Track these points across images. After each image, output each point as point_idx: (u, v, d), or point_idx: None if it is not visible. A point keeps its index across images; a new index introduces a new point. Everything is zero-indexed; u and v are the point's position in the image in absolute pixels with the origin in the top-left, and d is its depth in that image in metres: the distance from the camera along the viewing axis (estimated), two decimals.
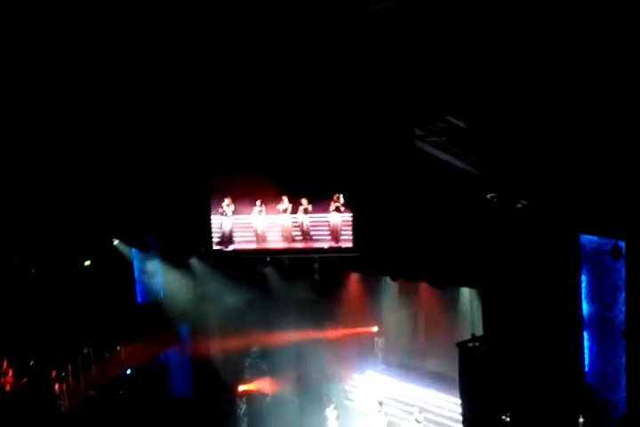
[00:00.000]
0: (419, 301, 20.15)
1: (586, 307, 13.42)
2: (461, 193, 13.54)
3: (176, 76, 11.79)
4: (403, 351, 20.86)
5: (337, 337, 20.42)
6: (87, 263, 20.12)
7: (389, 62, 10.17)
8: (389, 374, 20.34)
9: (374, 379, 20.41)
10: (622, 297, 12.83)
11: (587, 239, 13.19)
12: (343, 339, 20.54)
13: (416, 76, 10.24)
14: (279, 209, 16.87)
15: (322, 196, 16.56)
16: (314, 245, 16.81)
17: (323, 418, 19.38)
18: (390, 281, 18.97)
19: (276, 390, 20.67)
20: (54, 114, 13.26)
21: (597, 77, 9.48)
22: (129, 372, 20.57)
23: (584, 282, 13.37)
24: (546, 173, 11.99)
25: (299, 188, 16.68)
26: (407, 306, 20.46)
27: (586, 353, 13.52)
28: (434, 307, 19.54)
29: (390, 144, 12.70)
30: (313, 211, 16.67)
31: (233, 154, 15.74)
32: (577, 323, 13.47)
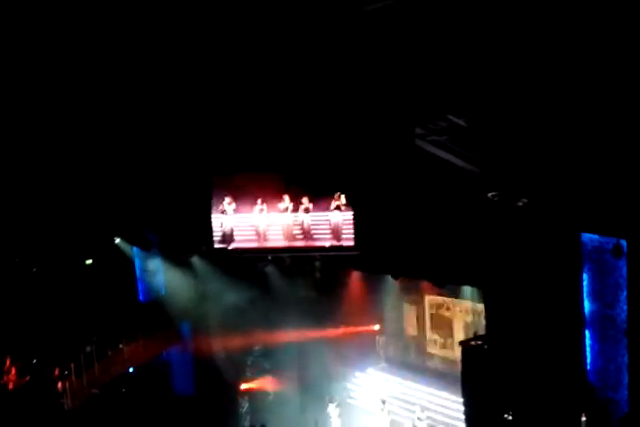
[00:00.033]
0: (420, 299, 20.17)
1: (587, 305, 13.38)
2: (462, 192, 13.50)
3: (177, 75, 11.78)
4: (405, 350, 20.84)
5: (338, 336, 20.38)
6: (89, 262, 20.16)
7: (389, 61, 10.14)
8: (391, 372, 20.31)
9: (376, 377, 20.38)
10: (624, 296, 12.80)
11: (588, 238, 13.15)
12: (345, 337, 20.49)
13: (416, 74, 10.21)
14: (280, 208, 16.88)
15: (323, 194, 16.56)
16: (315, 243, 16.82)
17: (324, 416, 19.34)
18: (392, 279, 18.94)
19: (278, 388, 20.69)
20: (55, 113, 13.27)
21: (597, 75, 9.44)
22: (131, 370, 20.63)
23: (586, 280, 13.33)
24: (547, 172, 11.95)
25: (300, 186, 16.68)
26: (408, 304, 20.45)
27: (588, 352, 13.49)
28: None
29: (391, 143, 12.66)
30: (314, 209, 16.68)
31: (234, 153, 15.72)
32: (579, 321, 13.44)
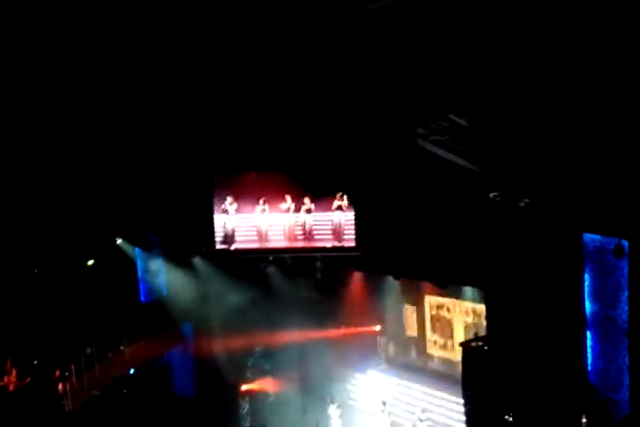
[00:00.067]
0: (421, 300, 20.17)
1: (589, 306, 13.36)
2: (464, 192, 13.50)
3: (178, 74, 11.78)
4: (405, 351, 20.82)
5: (340, 336, 20.39)
6: (90, 263, 20.16)
7: (390, 61, 10.15)
8: (392, 373, 20.30)
9: (377, 378, 20.37)
10: (625, 296, 12.78)
11: (590, 238, 13.14)
12: (346, 338, 20.50)
13: (417, 74, 10.21)
14: (282, 208, 16.88)
15: (324, 194, 16.57)
16: (316, 244, 16.82)
17: (325, 418, 19.34)
18: (393, 280, 18.94)
19: (279, 389, 20.66)
20: (56, 113, 13.27)
21: (600, 75, 9.44)
22: (132, 371, 20.60)
23: (587, 281, 13.31)
24: (548, 172, 11.95)
25: (301, 186, 16.69)
26: (409, 305, 20.44)
27: (589, 352, 13.47)
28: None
29: (392, 143, 12.67)
30: (316, 210, 16.68)
31: (235, 153, 15.74)
32: (580, 322, 13.43)
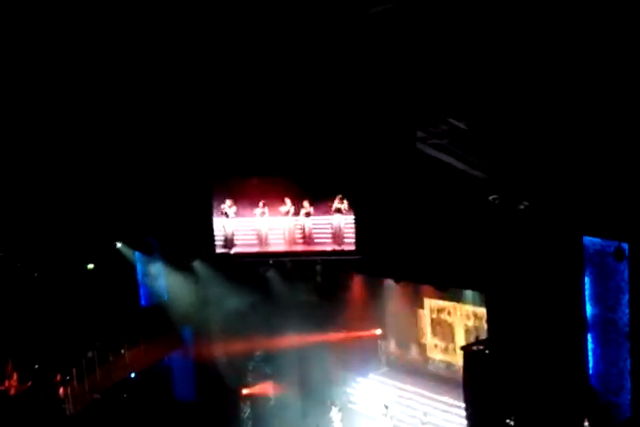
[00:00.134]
0: (422, 303, 20.15)
1: (589, 309, 13.36)
2: (463, 195, 13.49)
3: (178, 79, 11.79)
4: (406, 354, 20.80)
5: (340, 340, 20.35)
6: (90, 266, 20.15)
7: (390, 64, 10.15)
8: (393, 377, 20.27)
9: (378, 382, 20.34)
10: (625, 299, 12.78)
11: (590, 241, 13.14)
12: (346, 342, 20.47)
13: (417, 78, 10.21)
14: (282, 211, 16.85)
15: (323, 197, 16.54)
16: (316, 247, 16.79)
17: (326, 421, 19.28)
18: (393, 284, 18.91)
19: (280, 393, 20.60)
20: (56, 118, 13.28)
21: (599, 78, 9.44)
22: (133, 375, 20.57)
23: (587, 284, 13.31)
24: (548, 175, 11.94)
25: (301, 190, 16.67)
26: (410, 309, 20.42)
27: (590, 356, 13.45)
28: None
29: (392, 146, 12.66)
30: (315, 213, 16.65)
31: (235, 156, 15.74)
32: (581, 325, 13.41)
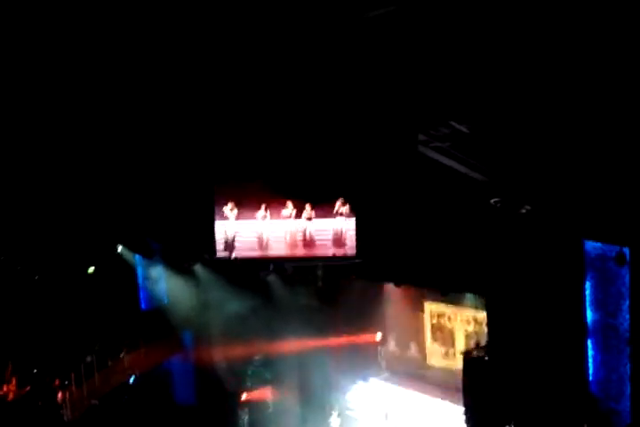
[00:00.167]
0: (422, 308, 20.11)
1: (590, 314, 13.32)
2: (465, 198, 13.49)
3: (181, 83, 11.83)
4: (406, 360, 20.75)
5: (340, 345, 20.31)
6: (91, 270, 20.14)
7: (391, 68, 10.17)
8: (393, 382, 20.21)
9: (378, 387, 20.28)
10: (626, 305, 12.74)
11: (591, 246, 13.11)
12: (346, 347, 20.43)
13: (418, 80, 10.23)
14: (284, 214, 16.83)
15: (325, 201, 16.54)
16: (317, 251, 16.77)
17: None
18: (394, 288, 18.88)
19: (279, 398, 20.54)
20: (57, 121, 13.31)
21: (600, 82, 9.44)
22: (132, 379, 20.52)
23: (588, 289, 13.27)
24: (550, 179, 11.94)
25: (303, 193, 16.66)
26: (410, 314, 20.38)
27: (590, 362, 13.40)
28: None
29: (393, 149, 12.68)
30: (317, 217, 16.63)
31: (236, 160, 15.77)
32: (581, 331, 13.37)
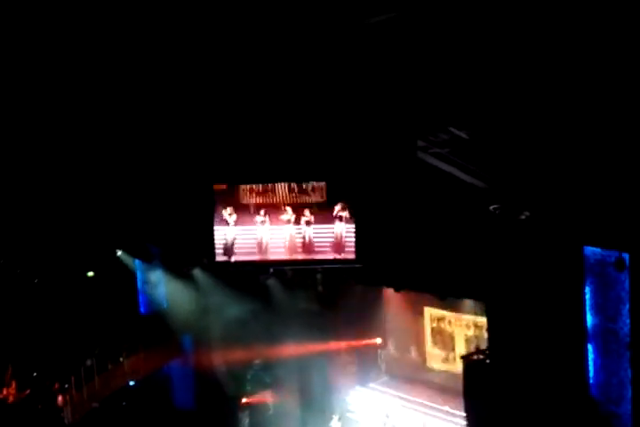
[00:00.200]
0: (422, 313, 20.13)
1: (590, 319, 13.31)
2: (464, 204, 13.51)
3: (180, 86, 11.83)
4: (406, 364, 20.76)
5: (340, 349, 20.32)
6: (90, 274, 20.16)
7: (391, 74, 10.18)
8: (393, 386, 20.22)
9: (378, 391, 20.29)
10: (626, 309, 12.73)
11: (590, 251, 13.10)
12: (346, 351, 20.44)
13: (418, 86, 10.24)
14: (283, 219, 16.84)
15: (324, 206, 16.55)
16: (316, 256, 16.77)
17: None
18: (394, 293, 18.89)
19: (279, 402, 20.57)
20: (57, 126, 13.32)
21: (601, 89, 9.46)
22: (132, 383, 20.53)
23: (588, 294, 13.26)
24: (549, 185, 11.95)
25: (302, 198, 16.68)
26: (410, 318, 20.39)
27: (590, 366, 13.41)
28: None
29: (392, 155, 12.69)
30: (316, 221, 16.64)
31: (236, 164, 15.78)
32: (581, 335, 13.38)
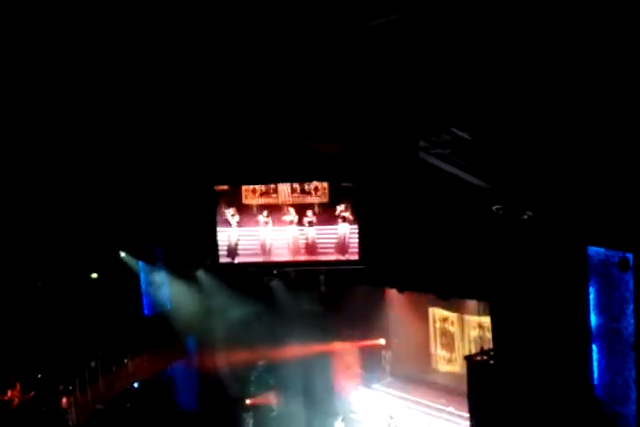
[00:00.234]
0: (426, 313, 20.11)
1: (594, 319, 13.29)
2: (467, 205, 13.50)
3: (182, 89, 11.84)
4: (410, 365, 20.74)
5: (344, 350, 20.31)
6: (94, 276, 20.20)
7: (392, 75, 10.18)
8: (397, 387, 20.20)
9: (382, 392, 20.27)
10: (630, 309, 12.71)
11: (594, 251, 13.08)
12: (350, 352, 20.42)
13: (419, 88, 10.24)
14: (286, 220, 16.84)
15: (327, 206, 16.55)
16: (320, 257, 16.77)
17: None
18: (397, 293, 18.87)
19: (283, 403, 20.56)
20: (61, 128, 13.34)
21: (602, 90, 9.45)
22: (136, 385, 20.55)
23: (592, 294, 13.24)
24: (552, 185, 11.94)
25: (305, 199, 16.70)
26: (414, 318, 20.38)
27: (595, 366, 13.39)
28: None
29: (395, 156, 12.68)
30: (319, 222, 16.64)
31: (239, 165, 15.79)
32: (585, 335, 13.36)
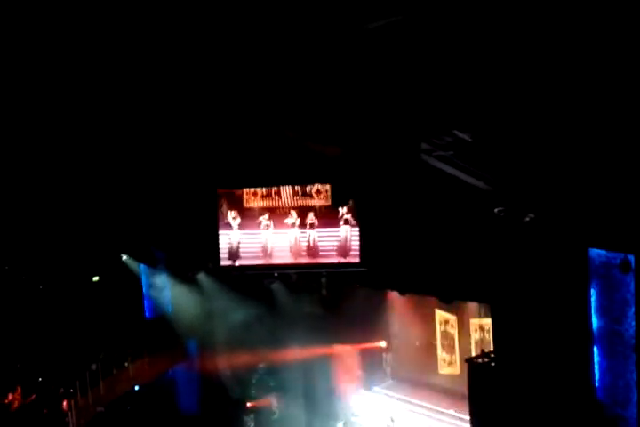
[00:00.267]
0: (427, 316, 20.10)
1: (595, 321, 13.28)
2: (468, 207, 13.50)
3: (182, 91, 11.85)
4: (411, 367, 20.73)
5: (345, 353, 20.31)
6: (95, 279, 20.20)
7: (393, 77, 10.19)
8: (398, 389, 20.20)
9: (382, 395, 20.26)
10: (632, 311, 12.70)
11: (596, 253, 13.09)
12: (351, 354, 20.43)
13: (420, 90, 10.25)
14: (287, 223, 16.85)
15: (329, 209, 16.56)
16: (321, 259, 16.77)
17: None
18: (398, 296, 18.88)
19: (284, 406, 20.55)
20: (61, 130, 13.34)
21: (604, 92, 9.46)
22: (137, 388, 20.53)
23: (593, 296, 13.24)
24: (554, 187, 11.95)
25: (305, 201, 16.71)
26: (415, 321, 20.37)
27: (596, 368, 13.39)
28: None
29: (396, 158, 12.68)
30: (321, 225, 16.65)
31: (240, 167, 15.80)
32: (587, 337, 13.35)
